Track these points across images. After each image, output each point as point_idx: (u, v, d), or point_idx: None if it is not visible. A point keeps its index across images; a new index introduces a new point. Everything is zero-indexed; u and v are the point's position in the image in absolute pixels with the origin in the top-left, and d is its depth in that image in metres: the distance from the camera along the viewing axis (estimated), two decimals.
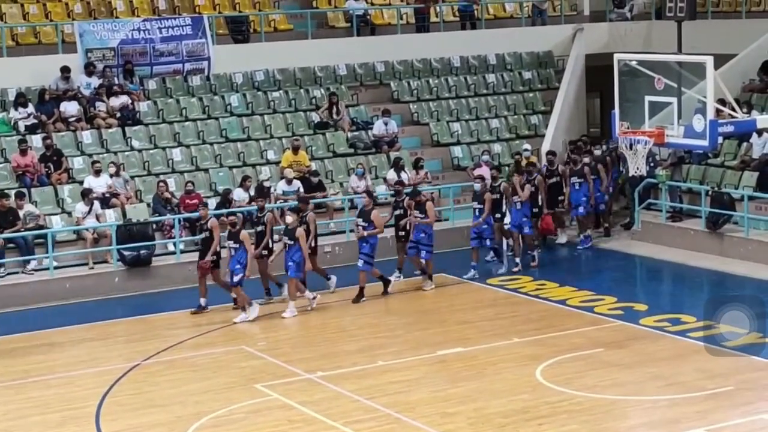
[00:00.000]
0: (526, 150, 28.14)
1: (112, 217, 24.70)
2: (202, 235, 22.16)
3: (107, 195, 25.07)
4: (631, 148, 17.78)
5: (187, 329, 20.95)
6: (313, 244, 22.40)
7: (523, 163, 27.22)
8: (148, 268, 23.97)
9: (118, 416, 16.66)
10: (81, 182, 25.29)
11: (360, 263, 22.61)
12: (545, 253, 25.61)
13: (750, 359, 18.13)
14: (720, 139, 21.95)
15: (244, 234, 21.40)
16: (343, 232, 25.79)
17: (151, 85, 28.82)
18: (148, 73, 28.83)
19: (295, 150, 27.10)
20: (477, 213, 24.13)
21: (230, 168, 27.12)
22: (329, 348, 19.78)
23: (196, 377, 18.41)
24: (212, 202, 25.52)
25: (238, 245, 21.25)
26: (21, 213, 23.97)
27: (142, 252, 23.97)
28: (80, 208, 24.41)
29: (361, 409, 16.59)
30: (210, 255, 21.81)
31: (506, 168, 27.97)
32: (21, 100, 26.80)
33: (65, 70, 27.45)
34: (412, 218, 23.19)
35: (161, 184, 25.29)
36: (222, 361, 19.20)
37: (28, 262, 23.75)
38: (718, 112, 17.58)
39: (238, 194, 25.53)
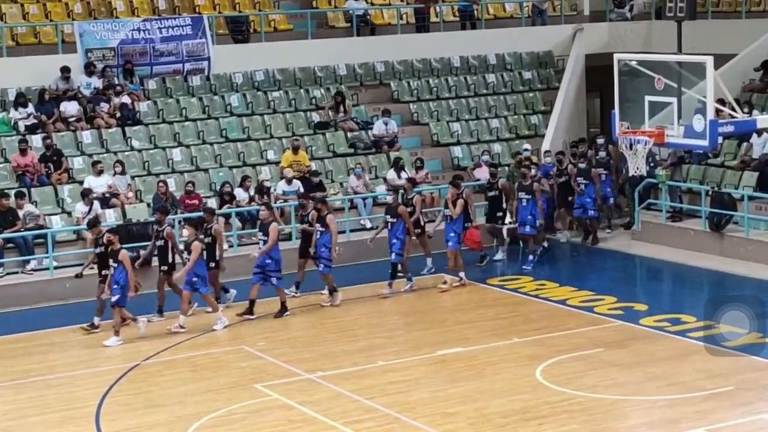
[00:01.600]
0: (526, 150, 28.14)
1: (112, 217, 24.70)
2: (97, 250, 21.49)
3: (107, 195, 25.07)
4: (631, 148, 17.78)
5: (187, 330, 20.92)
6: (218, 257, 21.77)
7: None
8: (148, 268, 23.93)
9: (118, 416, 16.66)
10: (81, 182, 25.30)
11: (274, 280, 21.51)
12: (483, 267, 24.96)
13: (750, 359, 18.14)
14: (720, 139, 21.94)
15: (124, 253, 20.60)
16: (344, 231, 25.74)
17: (151, 85, 28.82)
18: (148, 73, 28.83)
19: (295, 150, 27.10)
20: (390, 227, 22.97)
21: (230, 168, 27.12)
22: (329, 348, 19.77)
23: (196, 377, 18.41)
24: (212, 202, 25.53)
25: (117, 264, 20.53)
26: (21, 213, 23.98)
27: (142, 252, 23.93)
28: (80, 208, 24.42)
29: (361, 409, 16.58)
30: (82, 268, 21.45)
31: (506, 168, 27.92)
32: (21, 100, 26.80)
33: (65, 70, 27.46)
34: (310, 227, 22.44)
35: (161, 184, 25.29)
36: (222, 361, 19.19)
37: (27, 262, 23.76)
38: (718, 112, 17.57)
39: (238, 194, 25.55)
